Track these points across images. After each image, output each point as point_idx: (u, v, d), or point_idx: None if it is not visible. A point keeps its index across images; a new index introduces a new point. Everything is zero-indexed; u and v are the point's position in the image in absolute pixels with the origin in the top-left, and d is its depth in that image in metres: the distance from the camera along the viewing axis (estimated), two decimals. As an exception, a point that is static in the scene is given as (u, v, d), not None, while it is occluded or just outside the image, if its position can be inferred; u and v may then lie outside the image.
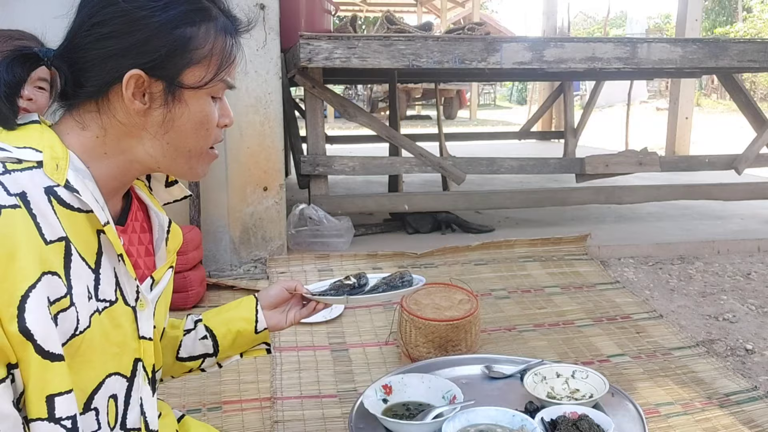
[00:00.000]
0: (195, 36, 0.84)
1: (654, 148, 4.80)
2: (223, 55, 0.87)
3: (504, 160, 3.38)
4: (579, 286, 2.61)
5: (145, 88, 0.83)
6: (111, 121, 0.84)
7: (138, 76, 0.81)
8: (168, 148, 0.87)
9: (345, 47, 2.73)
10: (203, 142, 0.89)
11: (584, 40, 3.10)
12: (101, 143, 0.85)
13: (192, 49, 0.84)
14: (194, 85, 0.85)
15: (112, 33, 0.81)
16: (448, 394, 1.32)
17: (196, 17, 0.84)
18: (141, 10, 0.81)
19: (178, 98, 0.85)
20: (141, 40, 0.81)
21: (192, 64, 0.84)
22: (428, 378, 1.36)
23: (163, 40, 0.82)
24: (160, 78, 0.83)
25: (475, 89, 15.63)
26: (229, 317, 1.19)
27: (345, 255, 2.76)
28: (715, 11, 19.54)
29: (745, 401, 1.78)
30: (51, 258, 0.75)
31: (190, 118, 0.86)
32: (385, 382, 1.34)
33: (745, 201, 3.66)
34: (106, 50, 0.81)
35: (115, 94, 0.83)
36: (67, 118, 0.85)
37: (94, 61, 0.82)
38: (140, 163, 0.88)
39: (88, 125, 0.84)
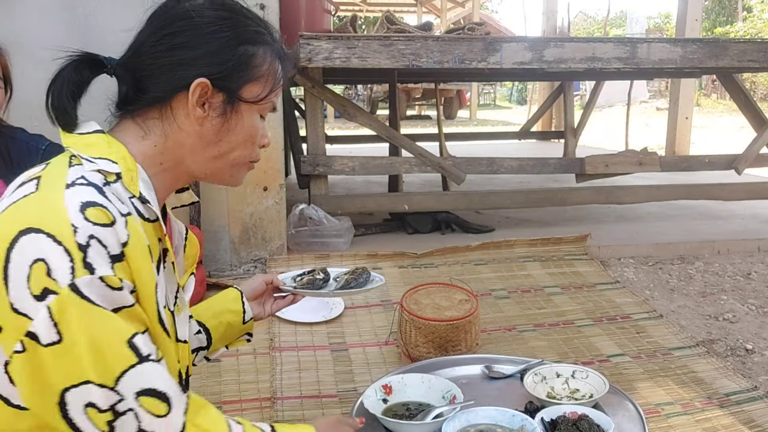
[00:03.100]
0: (256, 54, 0.92)
1: (654, 148, 4.80)
2: (275, 77, 0.95)
3: (504, 160, 3.38)
4: (579, 286, 2.61)
5: (207, 97, 0.89)
6: (172, 127, 0.90)
7: (204, 84, 0.88)
8: (217, 157, 0.94)
9: (345, 47, 2.73)
10: (247, 155, 0.97)
11: (584, 40, 3.10)
12: (159, 153, 0.91)
13: (253, 66, 0.92)
14: (251, 99, 0.93)
15: (184, 44, 0.88)
16: (448, 394, 1.32)
17: (257, 38, 0.92)
18: (211, 24, 0.89)
19: (235, 110, 0.92)
20: (210, 52, 0.88)
21: (251, 80, 0.92)
22: (428, 378, 1.37)
23: (230, 53, 0.89)
24: (222, 89, 0.90)
25: (475, 89, 15.63)
26: (218, 310, 1.24)
27: (345, 255, 2.76)
28: (715, 11, 19.54)
29: (745, 401, 1.78)
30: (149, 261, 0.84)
31: (242, 130, 0.94)
32: (385, 382, 1.35)
33: (745, 201, 3.66)
34: (176, 59, 0.88)
35: (178, 102, 0.89)
36: (128, 125, 0.91)
37: (164, 68, 0.88)
38: (189, 173, 0.95)
39: (149, 132, 0.90)
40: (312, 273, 1.39)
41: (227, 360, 2.01)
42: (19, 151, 1.82)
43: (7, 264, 0.74)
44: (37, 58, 2.83)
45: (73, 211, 0.76)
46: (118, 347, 0.77)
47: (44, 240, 0.74)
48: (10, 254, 0.74)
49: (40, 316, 0.73)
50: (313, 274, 1.38)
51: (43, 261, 0.74)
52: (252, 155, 0.97)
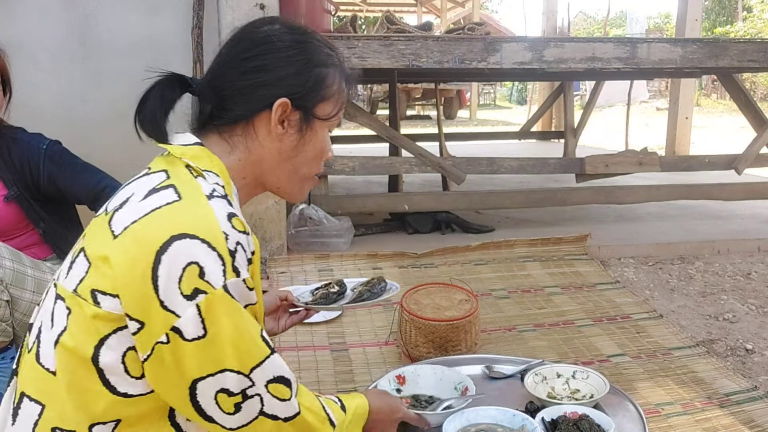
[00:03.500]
0: (328, 75, 1.01)
1: (654, 148, 4.81)
2: (343, 96, 1.05)
3: (504, 160, 3.38)
4: (579, 286, 2.61)
5: (286, 115, 0.98)
6: (254, 143, 0.98)
7: (286, 104, 0.96)
8: (291, 170, 1.03)
9: (345, 47, 2.73)
10: (315, 169, 1.06)
11: (584, 40, 3.10)
12: (243, 167, 0.99)
13: (325, 86, 1.00)
14: (324, 117, 1.02)
15: (266, 66, 0.97)
16: (460, 386, 1.36)
17: (329, 60, 1.02)
18: (290, 48, 0.98)
19: (310, 127, 1.01)
20: (290, 74, 0.97)
21: (324, 99, 1.01)
22: (441, 370, 1.41)
23: (307, 75, 0.98)
24: (299, 108, 0.99)
25: (475, 89, 15.62)
26: None
27: (345, 255, 2.76)
28: (715, 11, 19.54)
29: (745, 401, 1.78)
30: None
31: (315, 145, 1.03)
32: (399, 373, 1.38)
33: (745, 201, 3.66)
34: (260, 80, 0.96)
35: (260, 120, 0.97)
36: (214, 139, 0.99)
37: (248, 89, 0.97)
38: (264, 186, 1.05)
39: (234, 147, 0.99)
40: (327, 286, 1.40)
41: (227, 360, 2.00)
42: (20, 152, 1.82)
43: (157, 265, 0.82)
44: (37, 59, 2.84)
45: (223, 221, 0.86)
46: (255, 340, 0.89)
47: (199, 245, 0.83)
48: (161, 257, 0.82)
49: (188, 314, 0.82)
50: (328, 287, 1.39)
51: (197, 264, 0.82)
52: (318, 169, 1.06)
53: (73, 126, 2.80)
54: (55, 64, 2.82)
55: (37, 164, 1.81)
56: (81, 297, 0.86)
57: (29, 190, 1.83)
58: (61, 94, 2.85)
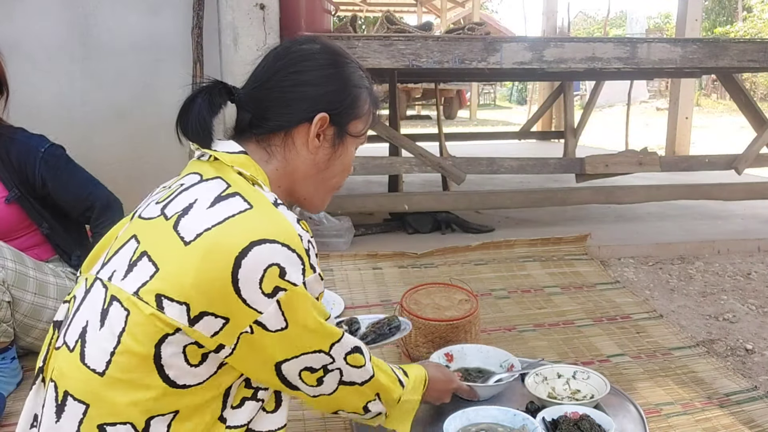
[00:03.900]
0: (361, 95, 1.08)
1: (654, 148, 4.80)
2: (371, 117, 1.11)
3: (504, 160, 3.38)
4: (579, 286, 2.61)
5: (323, 129, 1.04)
6: (291, 153, 1.04)
7: (325, 118, 1.03)
8: (320, 182, 1.09)
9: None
10: (341, 182, 1.13)
11: (584, 40, 3.10)
12: (279, 176, 1.05)
13: (360, 105, 1.08)
14: (355, 134, 1.09)
15: (310, 81, 1.03)
16: (505, 363, 1.45)
17: (362, 81, 1.09)
18: (332, 67, 1.05)
19: (342, 142, 1.07)
20: (331, 91, 1.04)
21: (357, 117, 1.08)
22: (486, 348, 1.52)
23: (346, 93, 1.05)
24: (335, 124, 1.05)
25: (475, 89, 15.62)
26: None
27: (345, 255, 2.76)
28: (715, 11, 19.54)
29: (745, 401, 1.78)
30: None
31: (344, 160, 1.09)
32: (447, 351, 1.51)
33: (745, 201, 3.66)
34: (303, 94, 1.02)
35: (299, 132, 1.03)
36: (252, 148, 1.04)
37: (290, 101, 1.02)
38: (294, 195, 1.09)
39: (272, 156, 1.04)
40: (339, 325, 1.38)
41: (227, 360, 2.00)
42: (18, 152, 1.81)
43: (237, 269, 0.88)
44: (36, 59, 2.83)
45: (295, 224, 0.94)
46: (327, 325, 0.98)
47: (280, 249, 0.90)
48: (241, 261, 0.88)
49: (270, 310, 0.90)
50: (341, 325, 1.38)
51: (277, 265, 0.89)
52: (342, 183, 1.13)
53: (73, 126, 2.80)
54: (55, 64, 2.81)
55: (33, 166, 1.81)
56: (143, 300, 0.89)
57: (29, 191, 1.83)
58: (61, 94, 2.84)
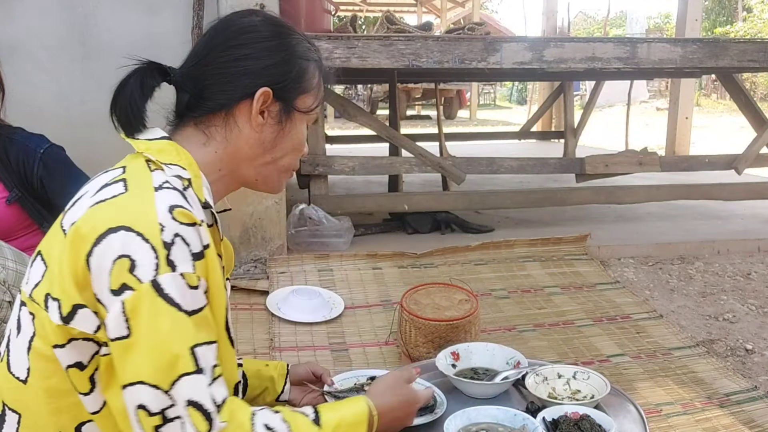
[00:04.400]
0: (308, 68, 1.00)
1: (654, 148, 4.80)
2: (321, 91, 1.04)
3: (504, 160, 3.38)
4: (579, 286, 2.61)
5: (266, 106, 0.96)
6: (233, 133, 0.96)
7: (267, 93, 0.95)
8: (270, 163, 1.01)
9: (345, 47, 2.73)
10: (293, 163, 1.04)
11: (584, 40, 3.10)
12: (219, 159, 0.97)
13: (307, 79, 1.00)
14: (303, 109, 1.01)
15: (250, 55, 0.95)
16: (512, 360, 1.43)
17: (309, 54, 1.01)
18: (275, 38, 0.97)
19: (290, 119, 0.99)
20: (274, 64, 0.96)
21: (305, 91, 1.00)
22: (492, 346, 1.50)
23: (290, 66, 0.97)
24: (280, 100, 0.97)
25: (475, 89, 15.62)
26: (264, 376, 1.26)
27: (345, 255, 2.76)
28: (715, 11, 19.54)
29: (745, 401, 1.78)
30: None
31: (293, 138, 1.01)
32: (453, 350, 1.47)
33: (745, 201, 3.66)
34: (243, 69, 0.94)
35: (240, 110, 0.95)
36: (190, 131, 0.96)
37: (230, 77, 0.94)
38: (242, 178, 1.02)
39: (211, 138, 0.96)
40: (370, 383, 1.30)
41: (227, 360, 2.00)
42: (16, 152, 1.81)
43: (89, 258, 0.79)
44: (36, 58, 2.83)
45: (162, 212, 0.81)
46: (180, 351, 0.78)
47: (133, 237, 0.78)
48: (94, 249, 0.79)
49: (114, 310, 0.78)
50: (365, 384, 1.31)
51: (128, 257, 0.78)
52: (295, 163, 1.05)
53: (72, 125, 2.79)
54: (55, 64, 2.81)
55: (31, 167, 1.80)
56: (35, 302, 0.84)
57: (29, 191, 1.83)
58: (61, 93, 2.84)
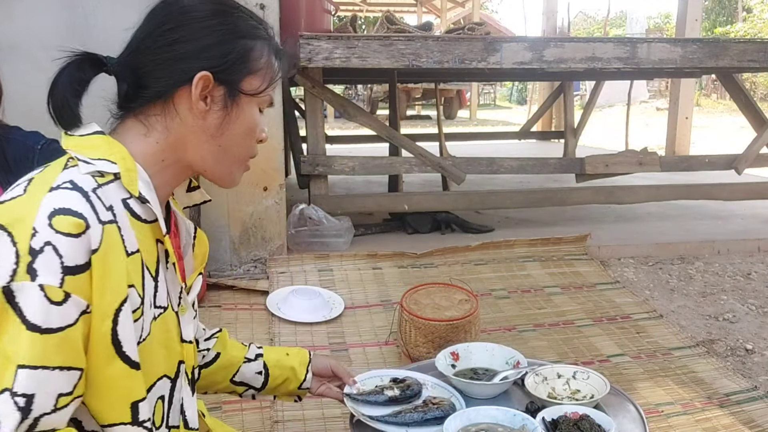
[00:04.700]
0: (254, 48, 0.92)
1: (654, 148, 4.80)
2: (273, 71, 0.96)
3: (504, 160, 3.38)
4: (579, 286, 2.61)
5: (209, 90, 0.89)
6: (174, 121, 0.90)
7: (207, 77, 0.88)
8: (219, 151, 0.93)
9: (345, 47, 2.73)
10: (247, 150, 0.97)
11: (584, 40, 3.10)
12: (162, 149, 0.90)
13: (252, 59, 0.92)
14: (251, 92, 0.93)
15: (185, 38, 0.88)
16: (511, 360, 1.42)
17: (254, 32, 0.93)
18: (211, 18, 0.90)
19: (236, 103, 0.92)
20: (211, 45, 0.89)
21: (251, 73, 0.92)
22: (491, 346, 1.49)
23: (230, 46, 0.90)
24: (223, 83, 0.90)
25: (475, 89, 15.62)
26: (286, 365, 1.26)
27: (345, 255, 2.76)
28: (715, 11, 19.54)
29: (745, 401, 1.78)
30: (131, 270, 0.81)
31: (243, 123, 0.93)
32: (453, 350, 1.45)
33: (745, 201, 3.66)
34: (178, 52, 0.88)
35: (180, 96, 0.89)
36: (130, 123, 0.91)
37: (165, 63, 0.88)
38: (190, 169, 0.95)
39: (151, 129, 0.90)
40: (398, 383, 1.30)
41: (227, 360, 2.00)
42: (15, 152, 1.80)
43: None
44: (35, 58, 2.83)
45: (42, 216, 0.74)
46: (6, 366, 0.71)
47: (4, 239, 0.73)
48: None
49: None
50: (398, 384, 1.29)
51: None
52: (251, 151, 0.97)
53: (73, 126, 2.79)
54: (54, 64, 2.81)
55: (32, 164, 1.80)
56: None
57: None
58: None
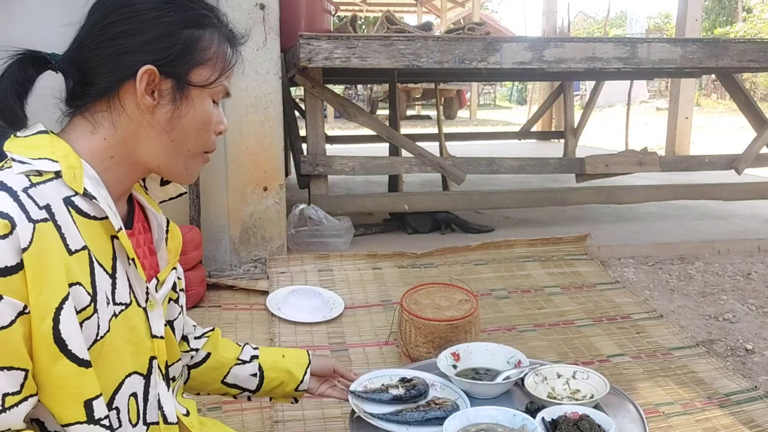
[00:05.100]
0: (202, 37, 0.89)
1: (654, 148, 4.80)
2: (225, 60, 0.92)
3: (504, 160, 3.38)
4: (579, 286, 2.61)
5: (155, 84, 0.87)
6: (121, 118, 0.87)
7: (151, 71, 0.85)
8: (171, 146, 0.91)
9: (345, 47, 2.73)
10: (202, 144, 0.93)
11: (584, 40, 3.10)
12: (110, 146, 0.88)
13: (200, 50, 0.89)
14: (200, 84, 0.90)
15: (127, 31, 0.85)
16: (512, 359, 1.42)
17: (203, 20, 0.90)
18: (154, 10, 0.86)
19: (185, 96, 0.89)
20: (155, 37, 0.86)
21: (200, 63, 0.89)
22: (492, 346, 1.48)
23: (175, 38, 0.87)
24: (170, 76, 0.87)
25: (475, 89, 15.63)
26: (282, 368, 1.24)
27: (345, 255, 2.76)
28: (715, 11, 19.54)
29: (745, 401, 1.78)
30: (75, 268, 0.79)
31: (195, 116, 0.91)
32: (454, 350, 1.45)
33: (745, 201, 3.66)
34: (121, 47, 0.85)
35: (126, 92, 0.86)
36: (78, 121, 0.89)
37: (108, 58, 0.85)
38: (143, 165, 0.92)
39: (98, 126, 0.87)
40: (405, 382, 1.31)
41: (227, 360, 2.00)
42: None
43: None
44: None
45: None
46: None
47: None
48: None
49: None
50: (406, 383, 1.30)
51: None
52: (207, 144, 0.94)
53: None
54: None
55: None
56: None
57: None
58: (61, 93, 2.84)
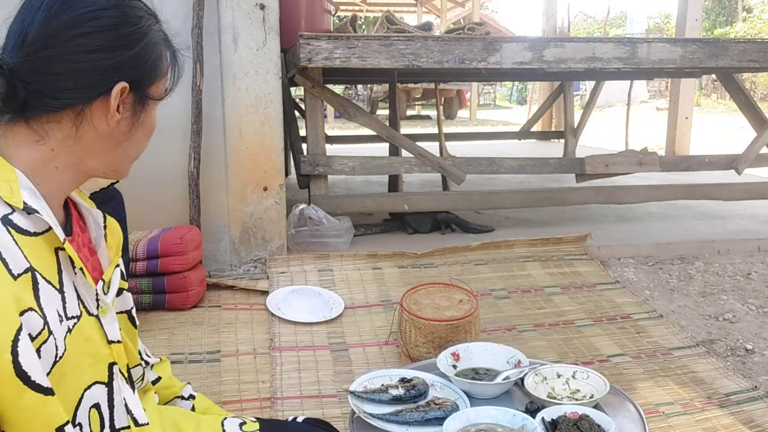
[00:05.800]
0: (162, 52, 0.91)
1: (654, 148, 4.80)
2: (175, 71, 0.95)
3: (504, 160, 3.38)
4: (579, 286, 2.61)
5: (122, 99, 0.86)
6: (83, 129, 0.84)
7: (125, 88, 0.85)
8: (121, 154, 0.91)
9: (345, 47, 2.73)
10: (143, 147, 0.95)
11: (584, 40, 3.10)
12: (55, 157, 0.84)
13: (161, 64, 0.91)
14: (158, 96, 0.92)
15: (103, 47, 0.83)
16: (512, 359, 1.42)
17: (160, 35, 0.91)
18: (128, 26, 0.85)
19: (145, 108, 0.90)
20: (132, 56, 0.85)
21: (159, 78, 0.91)
22: (492, 346, 1.49)
23: (147, 55, 0.87)
24: (135, 90, 0.87)
25: (475, 89, 15.63)
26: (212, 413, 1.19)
27: (345, 255, 2.76)
28: (715, 11, 19.55)
29: (745, 401, 1.78)
30: (21, 293, 0.74)
31: (148, 126, 0.92)
32: (453, 350, 1.46)
33: (745, 201, 3.66)
34: (97, 63, 0.83)
35: (96, 107, 0.84)
36: (19, 129, 0.83)
37: (82, 73, 0.82)
38: (87, 173, 0.90)
39: (47, 136, 0.83)
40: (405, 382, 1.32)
41: (227, 360, 2.01)
42: None
43: None
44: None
45: None
46: None
47: None
48: None
49: None
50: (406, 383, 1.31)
51: None
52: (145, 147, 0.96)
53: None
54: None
55: None
56: None
57: None
58: None
